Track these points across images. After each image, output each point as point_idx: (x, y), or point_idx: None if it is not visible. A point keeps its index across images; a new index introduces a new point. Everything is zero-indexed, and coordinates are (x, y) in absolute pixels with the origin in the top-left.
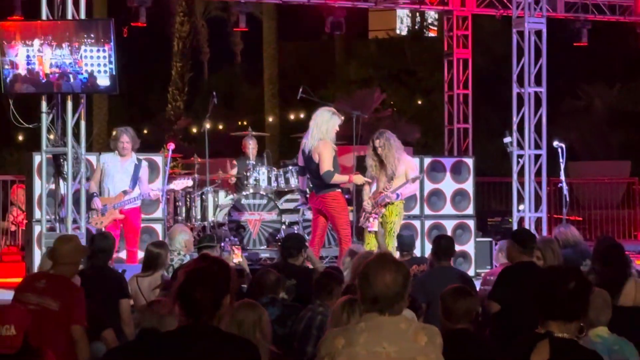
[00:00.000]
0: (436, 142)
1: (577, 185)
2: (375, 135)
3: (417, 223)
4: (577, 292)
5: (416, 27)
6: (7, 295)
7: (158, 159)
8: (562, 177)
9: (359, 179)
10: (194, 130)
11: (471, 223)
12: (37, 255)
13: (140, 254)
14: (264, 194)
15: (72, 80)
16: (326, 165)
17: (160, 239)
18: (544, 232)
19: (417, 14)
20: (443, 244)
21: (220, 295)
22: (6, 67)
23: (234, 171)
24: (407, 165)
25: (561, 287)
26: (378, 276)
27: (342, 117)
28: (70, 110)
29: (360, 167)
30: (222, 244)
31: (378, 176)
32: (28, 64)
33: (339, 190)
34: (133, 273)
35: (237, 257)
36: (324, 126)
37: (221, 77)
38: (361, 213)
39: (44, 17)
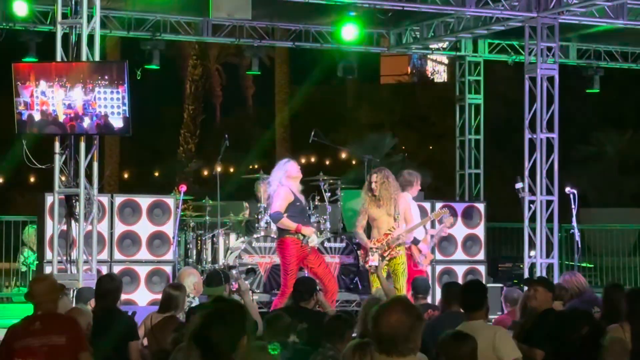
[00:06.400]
0: (447, 187)
1: (588, 232)
2: (373, 171)
3: (427, 268)
4: (590, 337)
5: (428, 73)
6: None
7: (170, 201)
8: (574, 224)
9: (308, 231)
10: (205, 172)
11: (482, 268)
12: None
13: None
14: (275, 237)
15: (85, 121)
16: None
17: (171, 281)
18: (555, 279)
19: (429, 60)
20: (453, 290)
21: (237, 337)
22: (20, 108)
23: (247, 214)
24: (405, 204)
25: (574, 333)
26: (384, 317)
27: (295, 165)
28: (83, 152)
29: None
30: (232, 283)
31: (374, 214)
32: (42, 105)
33: (289, 236)
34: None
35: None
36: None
37: (233, 120)
38: (363, 254)
39: (58, 58)
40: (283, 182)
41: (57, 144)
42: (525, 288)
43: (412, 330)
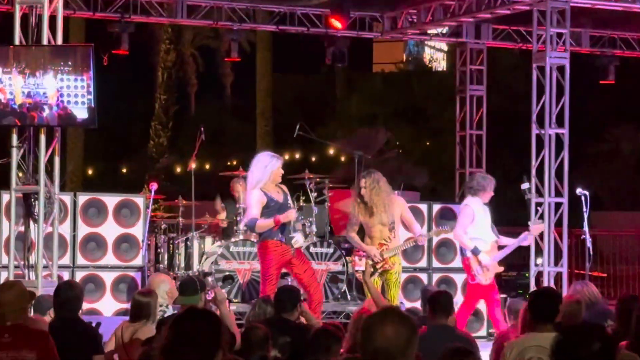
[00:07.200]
0: (446, 187)
1: (601, 237)
2: (362, 175)
3: (424, 276)
4: (602, 354)
5: (426, 61)
6: None
7: (139, 200)
8: (586, 229)
9: (288, 216)
10: (178, 169)
11: None
12: None
13: None
14: (255, 241)
15: (46, 111)
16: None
17: (140, 288)
18: (564, 289)
19: (427, 47)
20: (440, 299)
21: (211, 353)
22: None
23: (223, 215)
24: (401, 207)
25: (585, 349)
26: (379, 329)
27: (280, 167)
28: (44, 145)
29: None
30: (208, 291)
31: (366, 223)
32: None
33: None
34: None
35: None
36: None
37: (209, 112)
38: (354, 261)
39: (17, 41)
40: (260, 185)
41: (14, 137)
42: None
43: (409, 343)
